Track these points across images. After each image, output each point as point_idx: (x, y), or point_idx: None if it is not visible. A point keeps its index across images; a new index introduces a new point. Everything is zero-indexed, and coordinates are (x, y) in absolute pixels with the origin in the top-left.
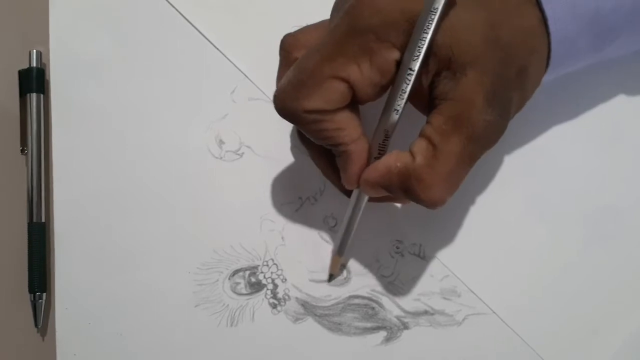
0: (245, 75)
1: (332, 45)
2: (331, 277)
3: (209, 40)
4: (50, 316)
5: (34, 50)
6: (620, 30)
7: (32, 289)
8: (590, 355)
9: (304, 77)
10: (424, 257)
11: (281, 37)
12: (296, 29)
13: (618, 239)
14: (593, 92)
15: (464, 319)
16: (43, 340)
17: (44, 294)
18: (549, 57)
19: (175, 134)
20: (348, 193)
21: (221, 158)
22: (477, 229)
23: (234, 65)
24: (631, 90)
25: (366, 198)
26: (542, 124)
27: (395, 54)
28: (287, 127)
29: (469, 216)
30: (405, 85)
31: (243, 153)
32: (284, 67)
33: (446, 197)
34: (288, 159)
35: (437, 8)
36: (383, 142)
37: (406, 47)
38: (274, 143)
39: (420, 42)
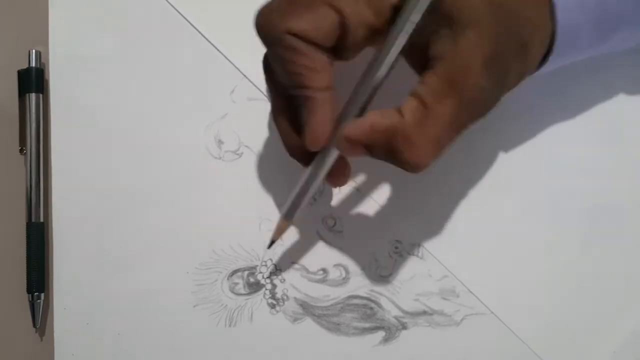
0: (245, 75)
1: None
2: (271, 244)
3: (208, 40)
4: (49, 316)
5: (33, 50)
6: (625, 18)
7: (30, 289)
8: (590, 355)
9: None
10: (422, 257)
11: None
12: None
13: (618, 239)
14: (593, 91)
15: (462, 319)
16: (41, 340)
17: (42, 294)
18: (552, 44)
19: (174, 133)
20: (307, 161)
21: (220, 158)
22: (476, 229)
23: (234, 65)
24: (631, 90)
25: (330, 162)
26: (541, 123)
27: None
28: None
29: (468, 216)
30: (402, 36)
31: (242, 153)
32: None
33: (430, 160)
34: (287, 159)
35: None
36: (368, 98)
37: None
38: (273, 143)
39: None
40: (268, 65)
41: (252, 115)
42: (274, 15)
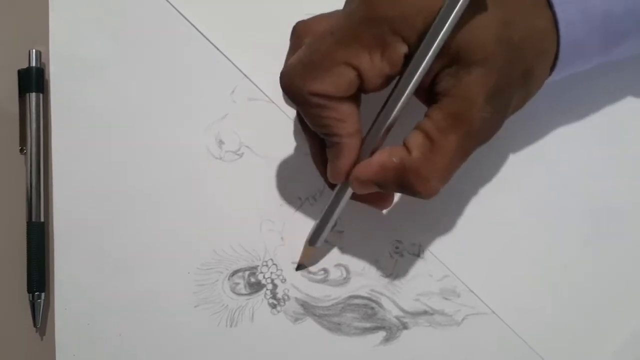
0: (245, 75)
1: (346, 31)
2: (299, 267)
3: (209, 40)
4: (49, 316)
5: (34, 50)
6: (629, 33)
7: (31, 289)
8: (590, 355)
9: (315, 59)
10: (423, 257)
11: (281, 37)
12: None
13: (618, 239)
14: (594, 91)
15: (463, 319)
16: (42, 339)
17: (43, 294)
18: (556, 59)
19: (175, 134)
20: (333, 185)
21: (221, 158)
22: (476, 229)
23: (234, 65)
24: (632, 91)
25: (349, 193)
26: (542, 124)
27: (405, 48)
28: (287, 127)
29: (469, 216)
30: (413, 84)
31: (243, 153)
32: (293, 53)
33: (441, 188)
34: (288, 159)
35: (458, 7)
36: (382, 138)
37: (415, 43)
38: (274, 143)
39: (437, 41)
40: (301, 115)
41: (253, 116)
42: (296, 79)
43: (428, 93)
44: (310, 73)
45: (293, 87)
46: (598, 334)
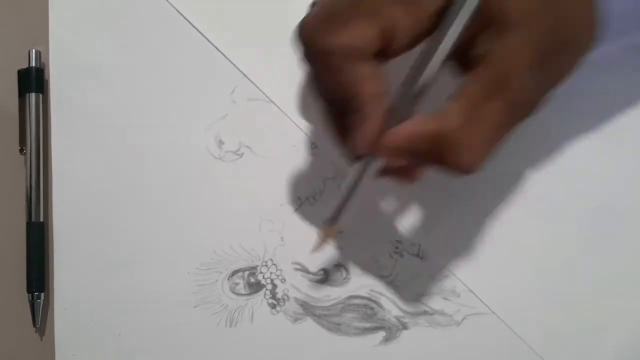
0: (245, 76)
1: None
2: (319, 248)
3: (209, 40)
4: (49, 316)
5: (33, 50)
6: None
7: (30, 289)
8: (590, 355)
9: (340, 7)
10: (423, 257)
11: (281, 37)
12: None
13: (618, 239)
14: (594, 91)
15: (463, 319)
16: (41, 340)
17: (42, 294)
18: (600, 28)
19: (175, 134)
20: (353, 160)
21: (221, 158)
22: (476, 229)
23: (234, 65)
24: (632, 90)
25: (374, 168)
26: (542, 124)
27: (439, 1)
28: (287, 127)
29: (468, 216)
30: (448, 39)
31: (243, 153)
32: None
33: (482, 162)
34: (287, 159)
35: None
36: (413, 101)
37: None
38: (274, 143)
39: None
40: (312, 80)
41: (253, 116)
42: (315, 30)
43: (464, 58)
44: (332, 24)
45: (311, 40)
46: (598, 334)
